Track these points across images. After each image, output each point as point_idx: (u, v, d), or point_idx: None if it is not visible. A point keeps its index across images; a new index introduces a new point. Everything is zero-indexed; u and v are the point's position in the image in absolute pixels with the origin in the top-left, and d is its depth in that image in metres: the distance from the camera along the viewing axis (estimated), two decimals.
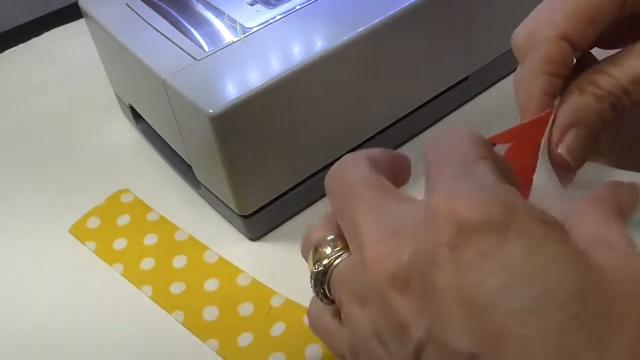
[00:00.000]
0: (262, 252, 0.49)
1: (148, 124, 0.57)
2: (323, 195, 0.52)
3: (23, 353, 0.45)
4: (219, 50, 0.46)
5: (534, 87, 0.32)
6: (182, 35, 0.48)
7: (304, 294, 0.45)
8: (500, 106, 0.58)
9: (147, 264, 0.49)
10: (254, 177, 0.46)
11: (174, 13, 0.51)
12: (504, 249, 0.21)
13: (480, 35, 0.54)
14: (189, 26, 0.49)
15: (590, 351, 0.20)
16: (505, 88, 0.60)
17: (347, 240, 0.27)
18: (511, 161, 0.29)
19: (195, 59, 0.46)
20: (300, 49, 0.45)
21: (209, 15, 0.50)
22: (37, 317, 0.47)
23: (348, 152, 0.51)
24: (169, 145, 0.55)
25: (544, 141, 0.31)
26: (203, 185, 0.51)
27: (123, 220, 0.53)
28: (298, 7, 0.49)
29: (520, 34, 0.33)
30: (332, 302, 0.29)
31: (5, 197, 0.58)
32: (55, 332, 0.46)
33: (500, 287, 0.21)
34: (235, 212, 0.48)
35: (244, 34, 0.47)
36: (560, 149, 0.31)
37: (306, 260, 0.30)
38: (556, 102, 0.32)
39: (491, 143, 0.30)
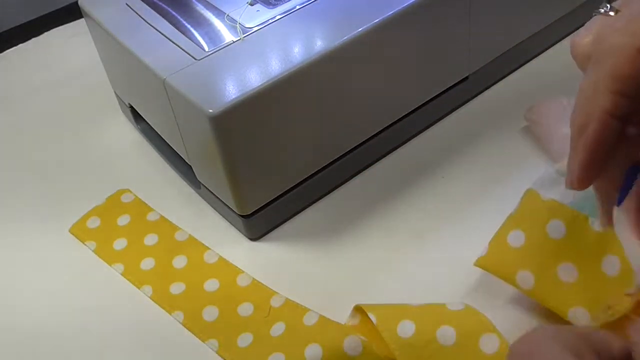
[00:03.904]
0: (262, 252, 0.49)
1: (148, 124, 0.57)
2: (323, 195, 0.53)
3: (23, 353, 0.45)
4: (219, 50, 0.46)
5: (596, 105, 0.27)
6: (182, 35, 0.48)
7: (304, 294, 0.45)
8: (500, 106, 0.58)
9: (147, 264, 0.49)
10: (254, 177, 0.46)
11: (174, 13, 0.51)
12: None
13: (480, 35, 0.54)
14: (189, 26, 0.49)
15: None
16: (505, 88, 0.60)
17: None
18: None
19: (195, 59, 0.46)
20: (300, 49, 0.45)
21: (209, 15, 0.50)
22: (37, 316, 0.47)
23: (348, 152, 0.51)
24: (169, 145, 0.55)
25: None
26: (203, 185, 0.51)
27: (123, 220, 0.53)
28: (298, 7, 0.49)
29: (584, 40, 0.29)
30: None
31: (5, 197, 0.58)
32: (55, 331, 0.46)
33: None
34: (235, 212, 0.48)
35: (244, 34, 0.47)
36: None
37: None
38: None
39: None
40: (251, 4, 0.50)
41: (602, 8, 0.32)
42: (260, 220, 0.49)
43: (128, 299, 0.47)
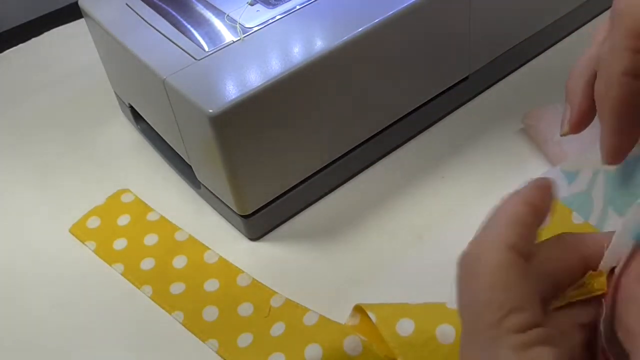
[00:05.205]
0: (262, 252, 0.49)
1: (148, 124, 0.57)
2: (323, 195, 0.53)
3: (23, 353, 0.45)
4: (219, 50, 0.46)
5: (615, 70, 0.26)
6: (182, 35, 0.48)
7: (304, 294, 0.45)
8: (500, 106, 0.58)
9: (147, 264, 0.49)
10: (254, 177, 0.46)
11: (174, 13, 0.51)
12: None
13: (481, 35, 0.54)
14: (189, 26, 0.49)
15: None
16: (505, 88, 0.60)
17: None
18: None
19: (195, 59, 0.46)
20: (300, 49, 0.45)
21: (209, 15, 0.50)
22: (37, 316, 0.47)
23: (348, 152, 0.51)
24: (169, 145, 0.55)
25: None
26: (203, 185, 0.51)
27: (123, 220, 0.53)
28: (298, 7, 0.49)
29: (599, 29, 0.29)
30: None
31: (5, 196, 0.58)
32: (55, 331, 0.46)
33: None
34: (235, 212, 0.48)
35: (244, 34, 0.47)
36: None
37: None
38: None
39: None
40: (251, 4, 0.50)
41: None
42: (260, 220, 0.49)
43: (128, 299, 0.47)
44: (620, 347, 0.25)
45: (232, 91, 0.43)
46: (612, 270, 0.27)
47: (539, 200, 0.27)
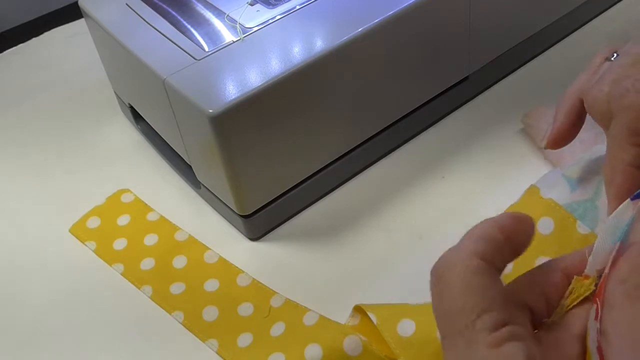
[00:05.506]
0: (262, 252, 0.49)
1: (148, 124, 0.57)
2: (323, 195, 0.53)
3: (23, 352, 0.45)
4: (219, 50, 0.46)
5: (619, 158, 0.31)
6: (182, 35, 0.48)
7: (304, 294, 0.45)
8: (500, 106, 0.58)
9: (147, 264, 0.49)
10: (254, 177, 0.46)
11: (174, 13, 0.51)
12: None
13: (480, 35, 0.54)
14: (189, 26, 0.49)
15: None
16: (505, 88, 0.60)
17: None
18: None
19: (195, 59, 0.46)
20: (300, 49, 0.45)
21: (209, 15, 0.50)
22: (36, 317, 0.47)
23: (348, 152, 0.51)
24: (169, 145, 0.55)
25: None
26: (203, 185, 0.51)
27: (123, 220, 0.53)
28: (298, 7, 0.49)
29: (601, 96, 0.32)
30: None
31: (5, 197, 0.58)
32: (55, 331, 0.46)
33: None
34: (235, 212, 0.48)
35: (244, 34, 0.47)
36: None
37: None
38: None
39: None
40: (251, 4, 0.50)
41: (612, 58, 0.36)
42: (260, 220, 0.49)
43: (128, 299, 0.47)
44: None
45: (232, 91, 0.43)
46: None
47: (511, 226, 0.28)
